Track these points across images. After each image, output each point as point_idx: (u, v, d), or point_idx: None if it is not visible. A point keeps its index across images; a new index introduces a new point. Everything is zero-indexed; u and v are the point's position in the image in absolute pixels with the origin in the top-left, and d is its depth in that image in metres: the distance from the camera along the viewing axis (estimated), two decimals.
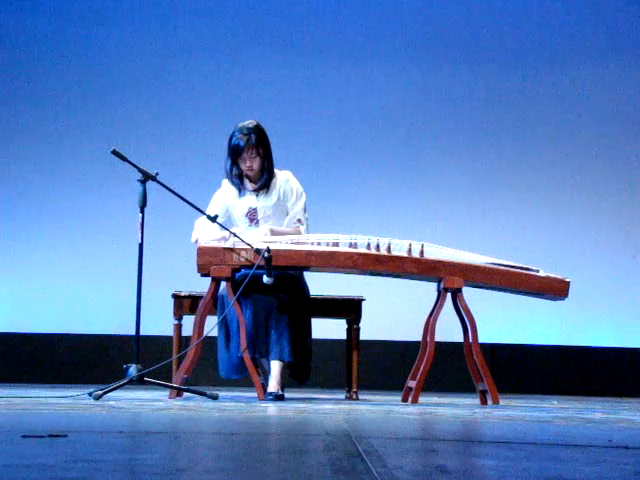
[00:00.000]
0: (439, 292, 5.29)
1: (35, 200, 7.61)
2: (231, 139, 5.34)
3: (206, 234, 5.28)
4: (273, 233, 5.28)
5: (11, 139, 7.66)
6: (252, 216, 5.42)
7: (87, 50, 7.71)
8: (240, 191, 5.43)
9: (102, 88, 7.68)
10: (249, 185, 5.43)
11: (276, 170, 5.44)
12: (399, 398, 5.50)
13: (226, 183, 5.47)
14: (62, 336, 7.51)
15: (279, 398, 5.05)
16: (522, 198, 7.79)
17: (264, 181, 5.40)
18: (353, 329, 5.63)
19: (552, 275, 5.33)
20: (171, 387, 5.06)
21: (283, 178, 5.45)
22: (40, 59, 7.69)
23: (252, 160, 5.33)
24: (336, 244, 5.19)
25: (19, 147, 7.65)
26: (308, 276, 5.47)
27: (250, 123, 5.35)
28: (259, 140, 5.32)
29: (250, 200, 5.43)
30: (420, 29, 7.86)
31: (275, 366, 5.14)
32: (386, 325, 7.35)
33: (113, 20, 7.75)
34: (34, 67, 7.69)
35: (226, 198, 5.46)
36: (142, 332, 4.81)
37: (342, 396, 5.77)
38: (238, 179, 5.41)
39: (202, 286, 5.32)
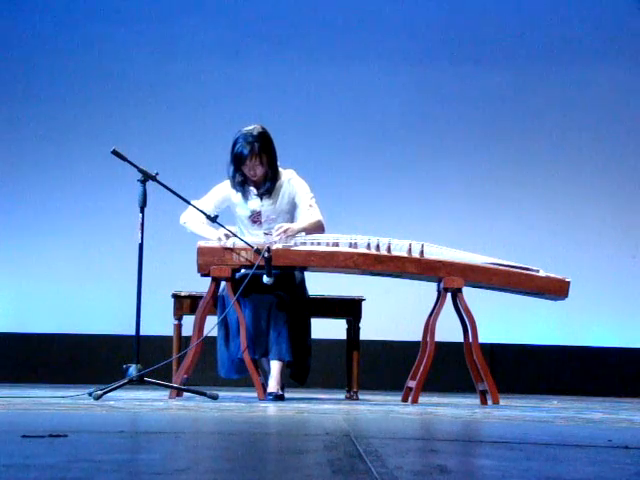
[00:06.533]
0: (439, 292, 5.29)
1: (35, 200, 7.61)
2: (234, 146, 5.25)
3: (196, 221, 5.29)
4: (300, 230, 5.23)
5: (11, 139, 7.66)
6: (255, 219, 5.39)
7: (87, 50, 7.71)
8: (244, 196, 5.40)
9: (102, 88, 7.67)
10: (253, 189, 5.40)
11: (280, 169, 5.40)
12: (399, 398, 5.50)
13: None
14: (62, 336, 7.50)
15: (279, 398, 5.05)
16: (522, 198, 7.79)
17: (268, 187, 5.36)
18: (353, 329, 5.63)
19: (552, 275, 5.33)
20: (171, 387, 5.06)
21: (286, 179, 5.40)
22: (40, 59, 7.68)
23: (255, 168, 5.27)
24: (336, 244, 5.19)
25: (19, 147, 7.65)
26: (308, 276, 5.47)
27: (255, 130, 5.25)
28: (263, 148, 5.24)
29: (254, 203, 5.39)
30: (421, 29, 7.86)
31: (275, 366, 5.14)
32: (386, 325, 7.35)
33: (113, 20, 7.74)
34: (34, 67, 7.69)
35: (229, 194, 5.42)
36: (142, 332, 4.81)
37: (342, 396, 5.77)
38: (241, 185, 5.37)
39: (202, 286, 5.32)
